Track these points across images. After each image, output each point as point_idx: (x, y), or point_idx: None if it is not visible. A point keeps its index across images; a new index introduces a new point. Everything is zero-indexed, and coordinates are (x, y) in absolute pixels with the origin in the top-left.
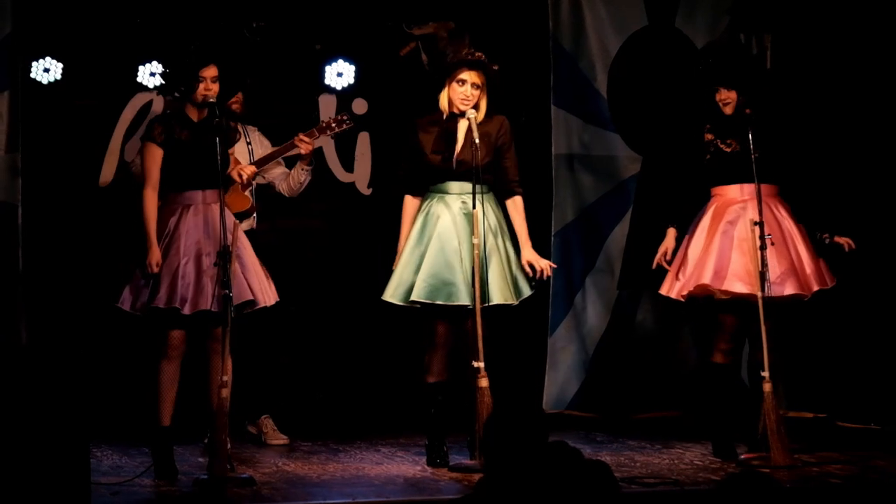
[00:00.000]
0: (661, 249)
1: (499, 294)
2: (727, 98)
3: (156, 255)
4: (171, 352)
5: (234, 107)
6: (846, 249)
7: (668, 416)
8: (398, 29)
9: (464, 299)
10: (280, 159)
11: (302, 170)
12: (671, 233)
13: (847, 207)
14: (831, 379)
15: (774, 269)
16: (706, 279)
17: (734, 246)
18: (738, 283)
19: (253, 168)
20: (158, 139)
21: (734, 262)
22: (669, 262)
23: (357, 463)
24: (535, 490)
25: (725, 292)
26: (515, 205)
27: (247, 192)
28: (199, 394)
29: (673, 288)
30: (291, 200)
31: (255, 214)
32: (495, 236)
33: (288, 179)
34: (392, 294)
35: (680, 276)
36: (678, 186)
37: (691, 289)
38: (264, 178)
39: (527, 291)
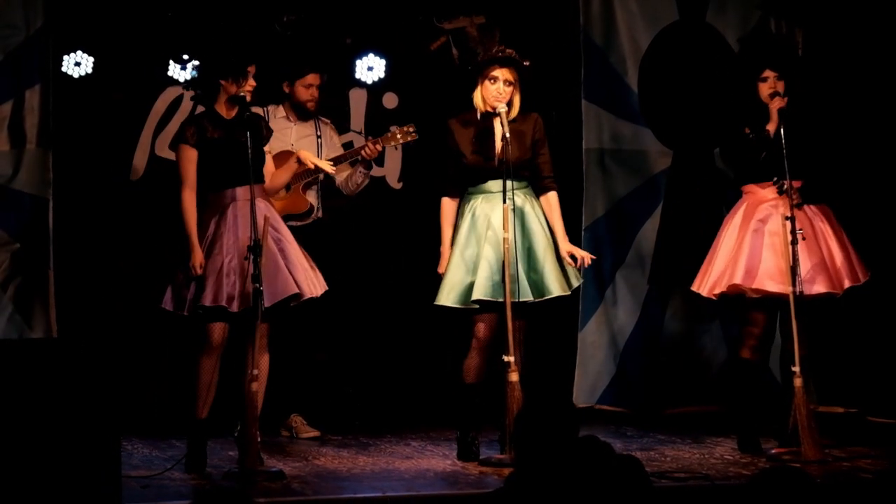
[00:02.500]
0: None
1: (557, 286)
2: (776, 87)
3: (199, 256)
4: (211, 347)
5: (308, 105)
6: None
7: (699, 411)
8: (429, 23)
9: (525, 294)
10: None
11: (359, 172)
12: None
13: (878, 202)
14: (862, 374)
15: (805, 265)
16: (738, 279)
17: (766, 244)
18: (770, 281)
19: (329, 165)
20: (191, 140)
21: (765, 260)
22: None
23: (387, 457)
24: (566, 484)
25: (757, 291)
26: (550, 201)
27: (308, 194)
28: (234, 388)
29: (704, 285)
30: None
31: (314, 214)
32: (544, 230)
33: (347, 180)
34: (446, 298)
35: (711, 273)
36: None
37: (724, 288)
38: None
39: (577, 281)
